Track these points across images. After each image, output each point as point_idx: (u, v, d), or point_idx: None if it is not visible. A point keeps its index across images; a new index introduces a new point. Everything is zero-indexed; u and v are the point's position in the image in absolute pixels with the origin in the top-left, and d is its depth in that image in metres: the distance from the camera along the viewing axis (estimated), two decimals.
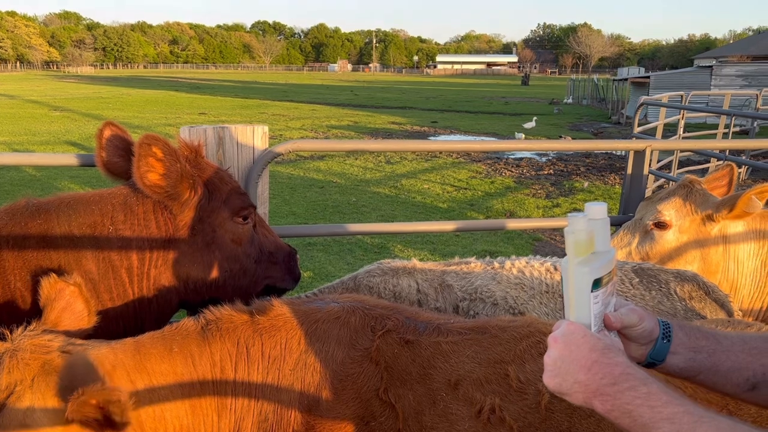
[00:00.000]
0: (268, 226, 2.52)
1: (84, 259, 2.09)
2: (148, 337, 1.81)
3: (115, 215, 2.15)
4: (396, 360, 1.86)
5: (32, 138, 19.25)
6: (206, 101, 37.79)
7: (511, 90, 60.99)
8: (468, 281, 2.62)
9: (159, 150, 2.08)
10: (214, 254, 2.25)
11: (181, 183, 2.14)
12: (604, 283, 1.27)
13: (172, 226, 2.19)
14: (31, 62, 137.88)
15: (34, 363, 1.52)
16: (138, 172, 2.07)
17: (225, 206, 2.26)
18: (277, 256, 2.43)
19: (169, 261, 2.18)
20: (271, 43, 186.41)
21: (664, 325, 1.29)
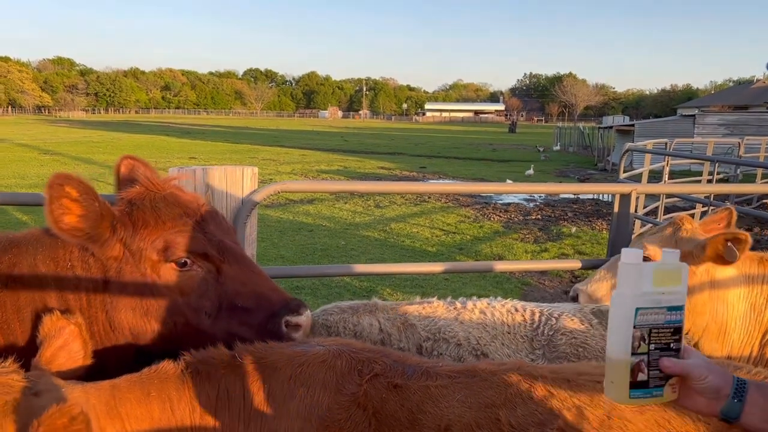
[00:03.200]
0: (258, 273, 2.20)
1: (47, 297, 2.02)
2: (125, 380, 1.76)
3: (72, 250, 2.05)
4: (384, 405, 1.81)
5: (21, 181, 19.18)
6: (197, 146, 38.02)
7: (499, 137, 61.99)
8: (431, 321, 2.59)
9: (73, 189, 1.91)
10: (148, 303, 2.05)
11: (101, 223, 1.98)
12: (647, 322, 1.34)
13: (102, 269, 2.05)
14: (23, 107, 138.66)
15: None
16: (52, 216, 1.88)
17: (153, 249, 2.04)
18: (253, 315, 2.10)
19: (110, 305, 2.04)
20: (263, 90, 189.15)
21: (738, 384, 1.31)
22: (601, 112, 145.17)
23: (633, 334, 1.34)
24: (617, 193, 3.56)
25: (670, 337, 1.37)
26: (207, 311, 2.09)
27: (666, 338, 1.37)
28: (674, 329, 1.38)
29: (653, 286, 1.35)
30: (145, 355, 2.13)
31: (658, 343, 1.36)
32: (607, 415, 1.70)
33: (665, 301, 1.36)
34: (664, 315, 1.36)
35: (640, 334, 1.35)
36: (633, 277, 1.36)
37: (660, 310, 1.36)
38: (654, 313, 1.35)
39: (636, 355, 1.35)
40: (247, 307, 2.10)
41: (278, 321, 2.09)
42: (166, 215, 2.07)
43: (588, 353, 2.40)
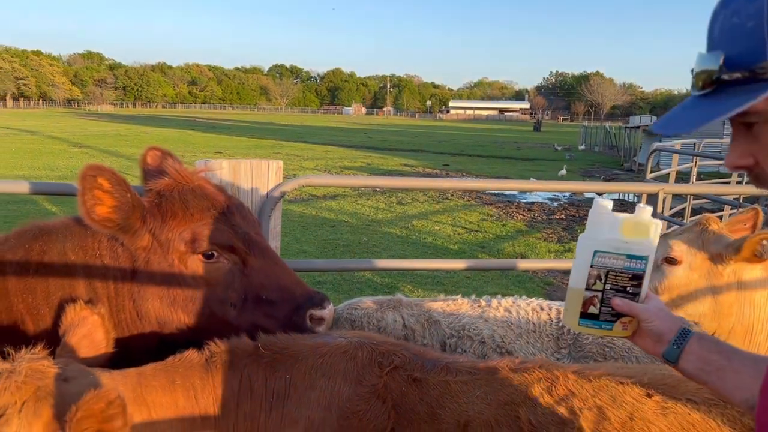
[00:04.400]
0: (283, 266, 2.22)
1: (76, 284, 2.06)
2: (151, 368, 1.79)
3: (101, 240, 2.09)
4: (404, 398, 1.81)
5: (51, 173, 19.57)
6: (222, 141, 38.40)
7: (523, 135, 61.49)
8: (455, 318, 2.59)
9: (105, 181, 1.93)
10: (175, 293, 2.09)
11: (132, 214, 2.00)
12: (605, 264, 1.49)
13: (131, 259, 2.08)
14: (53, 100, 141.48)
15: (27, 388, 1.50)
16: (84, 206, 1.92)
17: (180, 240, 2.07)
18: (278, 307, 2.13)
19: (137, 294, 2.07)
20: (288, 86, 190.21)
21: (682, 333, 1.43)
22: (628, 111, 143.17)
23: (589, 272, 1.51)
24: (644, 193, 3.51)
25: (628, 282, 1.50)
26: (232, 302, 2.12)
27: (623, 282, 1.50)
28: (633, 275, 1.50)
29: (621, 235, 1.49)
30: (169, 345, 2.17)
31: (615, 284, 1.51)
32: (629, 417, 1.68)
33: (627, 249, 1.49)
34: (624, 261, 1.49)
35: (597, 273, 1.51)
36: (597, 223, 1.52)
37: (620, 256, 1.49)
38: (613, 258, 1.49)
39: (590, 290, 1.52)
40: (272, 299, 2.13)
41: (302, 314, 2.12)
42: (194, 207, 2.10)
43: (614, 353, 2.37)
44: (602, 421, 1.68)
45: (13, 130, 42.10)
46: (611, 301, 1.51)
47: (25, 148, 28.40)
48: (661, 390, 1.74)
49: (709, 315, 2.76)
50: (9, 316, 2.02)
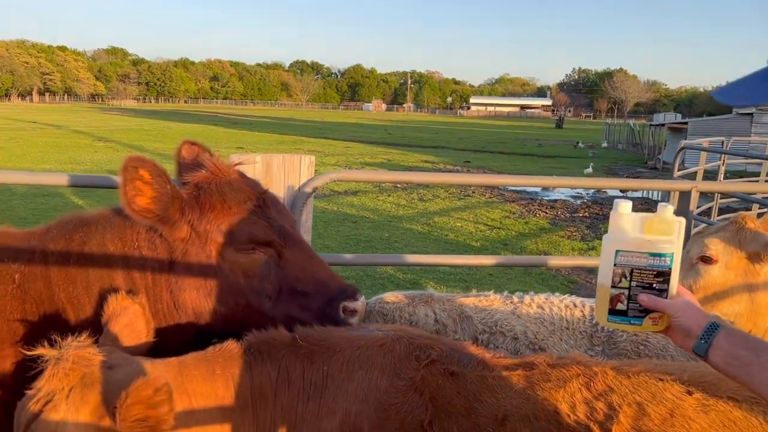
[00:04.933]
0: (317, 259, 2.26)
1: (115, 275, 2.09)
2: (192, 358, 1.81)
3: (140, 231, 2.12)
4: (441, 391, 1.82)
5: (76, 167, 19.88)
6: (244, 136, 38.67)
7: (545, 132, 60.99)
8: (488, 314, 2.59)
9: (146, 172, 1.97)
10: (212, 284, 2.11)
11: (172, 205, 2.03)
12: (629, 262, 1.55)
13: (169, 250, 2.11)
14: (78, 95, 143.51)
15: (74, 374, 1.54)
16: (125, 197, 1.96)
17: (218, 232, 2.11)
18: (312, 300, 2.16)
19: (174, 285, 2.10)
20: (308, 82, 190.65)
21: (710, 328, 1.47)
22: (651, 109, 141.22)
23: (614, 270, 1.57)
24: (676, 190, 3.47)
25: (653, 279, 1.56)
26: (268, 294, 2.15)
27: (648, 279, 1.56)
28: (658, 272, 1.56)
29: (643, 234, 1.55)
30: (205, 335, 2.21)
31: (640, 282, 1.56)
32: (669, 413, 1.67)
33: (650, 247, 1.55)
34: (647, 259, 1.55)
35: (621, 271, 1.57)
36: (619, 224, 1.58)
37: (642, 254, 1.55)
38: (636, 257, 1.55)
39: (616, 288, 1.58)
40: (307, 291, 2.16)
41: (336, 306, 2.15)
42: (232, 200, 2.13)
43: (649, 351, 2.36)
44: (642, 417, 1.67)
45: (40, 125, 42.86)
46: (637, 297, 1.56)
47: (51, 142, 28.90)
48: (702, 387, 1.72)
49: (745, 314, 2.73)
50: (51, 305, 2.06)
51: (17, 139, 30.14)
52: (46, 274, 2.06)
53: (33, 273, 2.05)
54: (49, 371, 1.55)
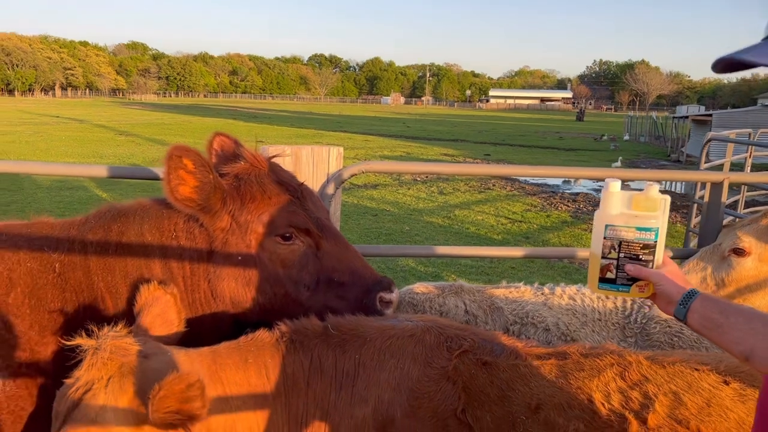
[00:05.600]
0: (353, 251, 2.28)
1: (152, 264, 2.12)
2: (225, 347, 1.84)
3: (177, 221, 2.15)
4: (473, 380, 1.83)
5: (99, 160, 20.15)
6: (263, 130, 38.86)
7: (566, 125, 60.42)
8: (519, 305, 2.59)
9: (190, 162, 2.00)
10: (251, 273, 2.14)
11: (213, 195, 2.06)
12: (617, 235, 1.70)
13: (209, 239, 2.13)
14: (99, 89, 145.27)
15: (112, 364, 1.56)
16: (168, 185, 2.00)
17: (259, 222, 2.13)
18: (349, 290, 2.18)
19: (213, 274, 2.13)
20: (327, 76, 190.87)
21: (688, 294, 1.61)
22: (674, 101, 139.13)
23: (603, 243, 1.71)
24: (708, 182, 3.43)
25: (640, 250, 1.70)
26: (306, 284, 2.17)
27: (635, 250, 1.70)
28: (644, 245, 1.69)
29: (631, 210, 1.69)
30: (240, 325, 2.23)
31: (628, 253, 1.70)
32: (706, 403, 1.67)
33: (637, 222, 1.69)
34: (634, 233, 1.69)
35: (611, 243, 1.71)
36: (609, 200, 1.71)
37: (630, 228, 1.69)
38: (623, 231, 1.70)
39: (606, 258, 1.72)
40: (344, 282, 2.19)
41: (373, 297, 2.18)
42: (272, 191, 2.16)
43: (683, 343, 2.34)
44: (678, 407, 1.67)
45: (63, 119, 43.50)
46: (625, 267, 1.70)
47: (74, 136, 29.32)
48: (739, 378, 1.72)
49: None
50: (90, 294, 2.09)
51: (41, 133, 30.63)
52: (85, 263, 2.10)
53: (72, 262, 2.09)
54: (88, 361, 1.58)
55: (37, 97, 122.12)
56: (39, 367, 1.98)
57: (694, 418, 1.64)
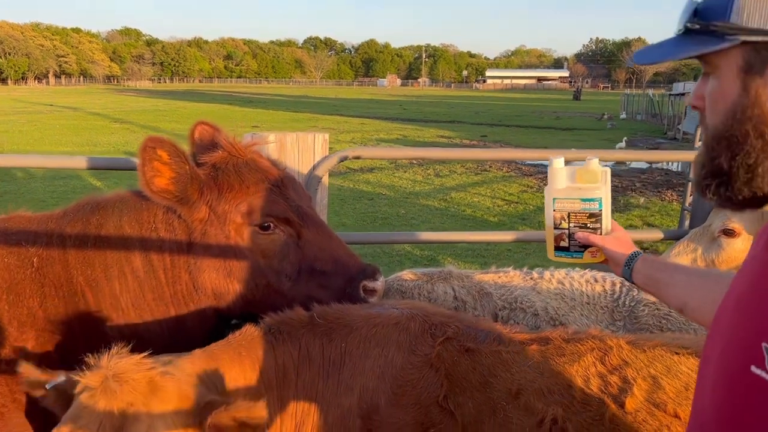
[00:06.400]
0: (335, 239, 2.26)
1: (132, 257, 2.10)
2: (216, 345, 1.83)
3: (157, 212, 2.12)
4: (456, 367, 1.84)
5: (93, 149, 20.07)
6: (259, 115, 38.67)
7: (563, 105, 60.17)
8: (508, 290, 2.60)
9: (165, 153, 1.98)
10: (231, 264, 2.12)
11: (190, 186, 2.04)
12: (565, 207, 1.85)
13: (188, 231, 2.11)
14: (93, 76, 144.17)
15: (140, 383, 1.48)
16: (144, 178, 1.97)
17: (237, 212, 2.11)
18: (332, 279, 2.16)
19: (193, 266, 2.11)
20: (322, 59, 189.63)
21: (632, 255, 1.74)
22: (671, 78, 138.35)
23: (553, 215, 1.86)
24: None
25: (587, 219, 1.84)
26: (287, 274, 2.15)
27: (583, 219, 1.84)
28: (590, 214, 1.83)
29: (576, 183, 1.83)
30: (224, 317, 2.23)
31: (576, 222, 1.84)
32: (684, 387, 1.68)
33: (581, 194, 1.82)
34: (579, 204, 1.83)
35: (560, 215, 1.86)
36: (555, 176, 1.85)
37: (575, 200, 1.83)
38: (569, 203, 1.84)
39: (558, 229, 1.87)
40: (326, 271, 2.17)
41: (356, 285, 2.16)
42: (250, 180, 2.13)
43: (672, 326, 2.35)
44: (657, 391, 1.68)
45: (57, 107, 43.23)
46: (575, 235, 1.85)
47: (68, 125, 29.17)
48: None
49: None
50: (70, 288, 2.07)
51: (35, 122, 30.46)
52: (64, 257, 2.08)
53: (51, 257, 2.08)
54: (113, 388, 1.45)
55: (31, 85, 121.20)
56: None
57: (671, 401, 1.65)
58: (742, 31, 0.97)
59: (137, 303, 2.11)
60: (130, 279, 2.10)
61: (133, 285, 2.10)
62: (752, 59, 0.98)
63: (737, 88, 1.01)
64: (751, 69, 0.99)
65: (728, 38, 0.99)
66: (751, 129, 0.99)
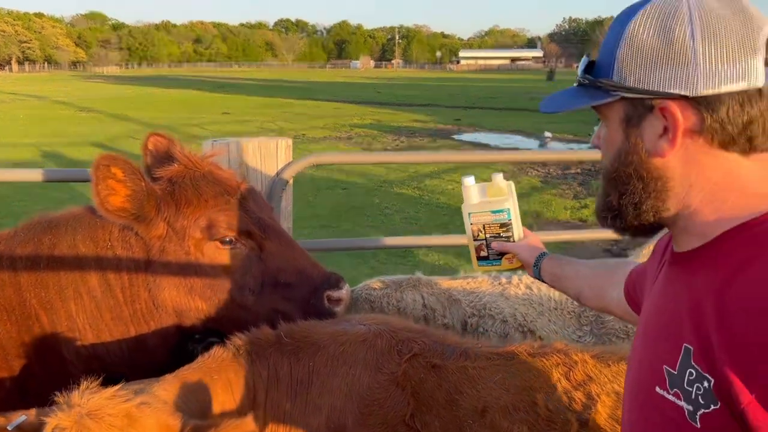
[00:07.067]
0: (298, 249, 2.24)
1: (88, 276, 2.05)
2: (186, 370, 1.79)
3: (112, 230, 2.08)
4: (422, 385, 1.83)
5: (59, 140, 19.59)
6: (230, 100, 38.13)
7: (537, 85, 60.38)
8: (476, 297, 2.60)
9: (119, 170, 1.93)
10: (192, 280, 2.08)
11: (147, 203, 1.99)
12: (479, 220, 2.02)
13: (145, 248, 2.07)
14: (58, 63, 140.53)
15: (118, 418, 1.41)
16: (98, 197, 1.92)
17: (196, 227, 2.06)
18: (296, 291, 2.14)
19: (153, 284, 2.06)
20: (294, 41, 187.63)
21: (539, 257, 1.93)
22: None
23: (471, 228, 2.03)
24: None
25: (500, 229, 2.01)
26: (251, 288, 2.13)
27: (496, 230, 2.01)
28: (501, 224, 2.00)
29: (486, 197, 2.00)
30: (188, 334, 2.18)
31: (491, 233, 2.02)
32: None
33: (490, 207, 1.99)
34: (491, 216, 2.00)
35: (477, 228, 2.02)
36: (468, 193, 2.02)
37: (486, 213, 2.00)
38: (482, 215, 2.01)
39: (477, 240, 2.04)
40: (290, 282, 2.15)
41: (320, 296, 2.14)
42: (208, 193, 2.09)
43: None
44: (620, 407, 1.68)
45: (20, 96, 42.05)
46: (491, 245, 2.02)
47: (33, 115, 28.40)
48: None
49: None
50: (23, 311, 2.02)
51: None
52: (15, 280, 2.02)
53: (1, 279, 2.02)
54: (89, 426, 1.38)
55: None
56: None
57: None
58: (621, 88, 1.09)
59: (95, 323, 2.06)
60: (87, 299, 2.06)
61: (89, 305, 2.05)
62: (631, 112, 1.11)
63: (621, 136, 1.14)
64: (630, 121, 1.12)
65: (612, 93, 1.11)
66: (632, 172, 1.13)
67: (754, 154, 1.05)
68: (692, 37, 1.02)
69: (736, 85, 1.00)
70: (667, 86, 1.04)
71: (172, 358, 2.11)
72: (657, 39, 1.05)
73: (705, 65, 1.01)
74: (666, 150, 1.07)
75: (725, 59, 1.00)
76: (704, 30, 1.02)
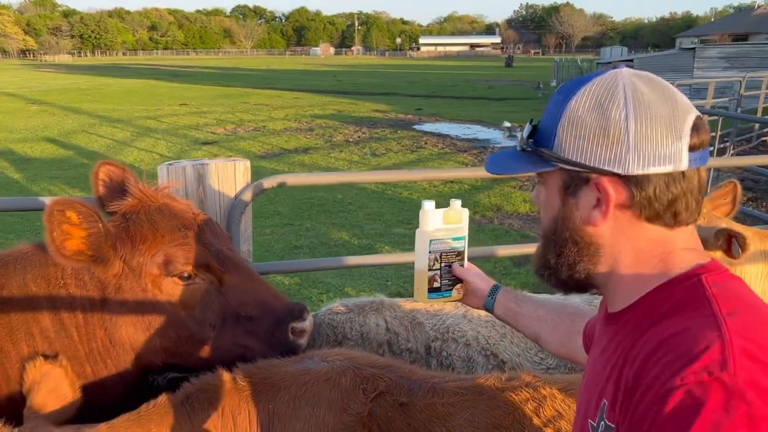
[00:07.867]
0: (259, 281, 2.18)
1: (41, 317, 1.97)
2: (123, 420, 1.71)
3: (65, 268, 1.99)
4: (390, 425, 1.79)
5: (10, 135, 18.81)
6: (187, 90, 37.26)
7: (495, 72, 60.83)
8: (439, 319, 2.58)
9: (74, 213, 1.85)
10: (150, 318, 2.02)
11: (105, 243, 1.92)
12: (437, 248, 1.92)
13: (101, 286, 2.00)
14: (6, 51, 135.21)
15: None
16: (53, 244, 1.83)
17: (153, 264, 2.00)
18: (258, 324, 2.08)
19: (109, 322, 1.99)
20: (252, 28, 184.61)
21: (494, 288, 1.90)
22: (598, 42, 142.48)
23: (429, 257, 1.91)
24: None
25: (455, 258, 1.94)
26: (211, 323, 2.06)
27: (452, 258, 1.94)
28: (458, 252, 1.94)
29: (443, 224, 1.91)
30: (147, 373, 2.11)
31: (447, 261, 1.93)
32: None
33: (449, 234, 1.92)
34: (449, 244, 1.92)
35: (434, 256, 1.91)
36: (428, 219, 1.89)
37: (445, 241, 1.92)
38: (442, 243, 1.91)
39: (432, 270, 1.92)
40: (252, 315, 2.08)
41: (284, 328, 2.08)
42: (164, 228, 2.02)
43: None
44: None
45: None
46: (452, 269, 1.94)
47: None
48: None
49: None
50: None
51: None
52: None
53: None
54: None
55: None
56: None
57: None
58: (561, 160, 1.16)
59: None
60: (39, 340, 1.97)
61: (42, 346, 1.97)
62: (568, 182, 1.18)
63: (558, 202, 1.22)
64: (568, 189, 1.19)
65: (551, 163, 1.18)
66: (568, 236, 1.20)
67: (678, 227, 1.14)
68: (626, 119, 1.09)
69: (663, 168, 1.08)
70: (602, 163, 1.11)
71: (131, 392, 2.05)
72: (595, 118, 1.11)
73: (636, 147, 1.08)
74: (598, 220, 1.15)
75: (654, 143, 1.08)
76: (637, 114, 1.08)
